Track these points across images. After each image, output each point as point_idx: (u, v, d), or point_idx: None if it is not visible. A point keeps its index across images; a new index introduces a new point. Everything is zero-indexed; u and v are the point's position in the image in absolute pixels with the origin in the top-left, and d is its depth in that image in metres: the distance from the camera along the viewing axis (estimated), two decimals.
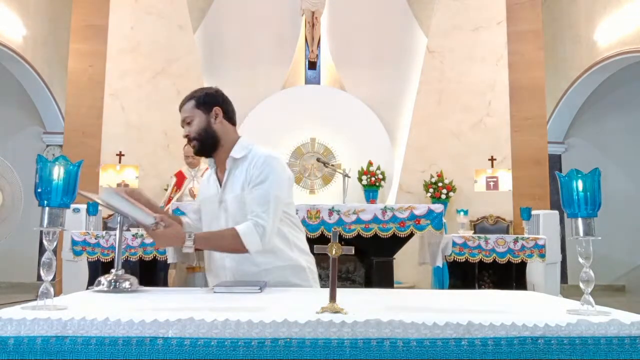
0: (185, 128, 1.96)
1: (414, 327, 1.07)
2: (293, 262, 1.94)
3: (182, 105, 1.97)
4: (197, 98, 1.95)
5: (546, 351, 1.07)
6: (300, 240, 2.02)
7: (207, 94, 1.98)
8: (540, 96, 7.46)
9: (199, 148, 1.94)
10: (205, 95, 1.97)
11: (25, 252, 8.01)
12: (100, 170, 7.13)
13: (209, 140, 1.93)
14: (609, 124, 9.35)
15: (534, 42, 7.51)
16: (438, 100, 7.85)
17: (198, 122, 1.93)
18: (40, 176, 1.25)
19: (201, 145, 1.94)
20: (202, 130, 1.92)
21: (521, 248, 4.61)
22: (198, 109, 1.94)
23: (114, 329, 1.05)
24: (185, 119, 1.94)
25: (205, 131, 1.92)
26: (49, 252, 1.22)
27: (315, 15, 8.12)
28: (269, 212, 1.83)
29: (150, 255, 4.53)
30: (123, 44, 7.46)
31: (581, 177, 1.30)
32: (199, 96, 1.96)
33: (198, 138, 1.93)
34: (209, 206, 2.01)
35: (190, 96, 1.97)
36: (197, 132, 1.92)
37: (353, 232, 3.73)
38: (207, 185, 2.05)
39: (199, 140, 1.93)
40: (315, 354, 1.04)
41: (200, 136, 1.92)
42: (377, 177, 7.48)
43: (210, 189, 2.02)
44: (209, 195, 2.01)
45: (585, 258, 1.27)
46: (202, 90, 1.99)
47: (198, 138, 1.93)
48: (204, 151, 1.96)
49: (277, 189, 1.87)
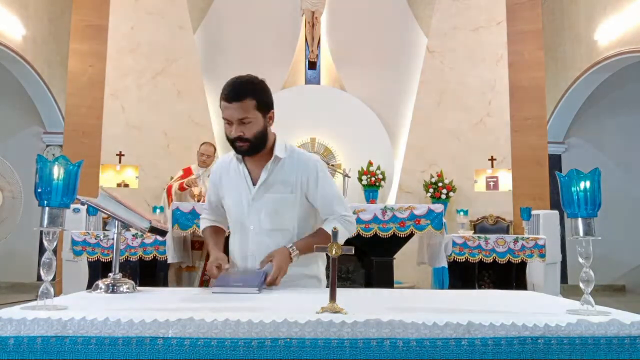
0: (237, 127, 1.80)
1: (414, 327, 1.07)
2: (314, 274, 1.97)
3: (236, 99, 1.78)
4: (259, 99, 1.81)
5: (546, 351, 1.07)
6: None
7: (266, 94, 1.85)
8: (540, 96, 7.46)
9: (249, 150, 1.84)
10: (266, 94, 1.85)
11: (25, 252, 8.01)
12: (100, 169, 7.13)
13: (261, 143, 1.85)
14: (609, 124, 9.35)
15: (534, 42, 7.51)
16: (438, 100, 7.85)
17: (257, 125, 1.81)
18: (40, 176, 1.25)
19: (253, 147, 1.83)
20: (259, 133, 1.82)
21: (521, 248, 4.60)
22: (259, 111, 1.81)
23: (114, 329, 1.05)
24: (244, 119, 1.78)
25: (262, 135, 1.84)
26: (49, 252, 1.22)
27: (315, 15, 8.12)
28: (348, 209, 1.97)
29: (150, 255, 4.52)
30: (123, 44, 7.46)
31: (581, 177, 1.30)
32: (260, 97, 1.82)
33: (253, 141, 1.82)
34: (236, 204, 1.94)
35: (248, 92, 1.79)
36: (254, 135, 1.81)
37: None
38: (229, 181, 1.96)
39: (252, 143, 1.82)
40: (315, 354, 1.04)
41: (256, 140, 1.82)
42: (377, 177, 7.47)
43: (238, 185, 1.93)
44: (237, 192, 1.93)
45: (585, 258, 1.27)
46: (257, 88, 1.83)
47: (253, 141, 1.82)
48: (252, 153, 1.86)
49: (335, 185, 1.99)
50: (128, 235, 4.48)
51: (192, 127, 7.48)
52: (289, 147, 1.94)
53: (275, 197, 1.87)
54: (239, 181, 1.93)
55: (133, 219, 1.68)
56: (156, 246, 4.51)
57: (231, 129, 1.81)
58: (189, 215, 3.80)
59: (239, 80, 1.82)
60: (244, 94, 1.78)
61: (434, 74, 7.89)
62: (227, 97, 1.78)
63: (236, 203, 1.94)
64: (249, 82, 1.82)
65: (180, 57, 7.72)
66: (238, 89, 1.79)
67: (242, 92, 1.78)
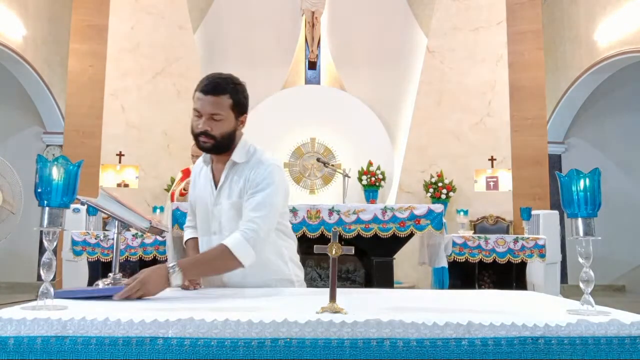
0: (206, 121, 1.73)
1: (414, 327, 1.07)
2: (284, 277, 1.87)
3: (213, 93, 1.72)
4: (236, 99, 1.76)
5: (546, 351, 1.07)
6: (292, 251, 1.95)
7: (244, 97, 1.80)
8: (540, 96, 7.46)
9: (212, 148, 1.77)
10: (243, 97, 1.79)
11: (25, 252, 8.01)
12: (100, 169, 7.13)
13: (226, 144, 1.78)
14: (609, 124, 9.35)
15: (534, 42, 7.51)
16: (438, 100, 7.86)
17: (227, 125, 1.75)
18: (40, 176, 1.25)
19: (216, 146, 1.76)
20: (226, 134, 1.76)
21: (521, 248, 4.61)
22: (232, 112, 1.75)
23: (114, 329, 1.05)
24: (215, 115, 1.73)
25: (229, 135, 1.77)
26: (49, 252, 1.22)
27: (315, 15, 8.12)
28: (263, 218, 1.70)
29: (150, 255, 4.53)
30: (123, 44, 7.46)
31: (581, 177, 1.30)
32: (238, 98, 1.76)
33: (219, 139, 1.75)
34: (202, 207, 1.90)
35: (227, 89, 1.74)
36: (221, 134, 1.75)
37: (353, 232, 3.73)
38: (200, 182, 1.92)
39: (217, 141, 1.75)
40: (315, 354, 1.04)
41: (222, 139, 1.76)
42: (377, 177, 7.48)
43: (204, 187, 1.89)
44: (203, 195, 1.89)
45: (585, 258, 1.27)
46: (236, 89, 1.77)
47: (219, 139, 1.75)
48: (214, 151, 1.80)
49: (275, 196, 1.76)
50: (128, 235, 4.48)
51: None
52: (252, 151, 1.83)
53: (231, 202, 1.79)
54: (205, 184, 1.89)
55: (133, 219, 1.68)
56: (156, 246, 4.51)
57: (199, 121, 1.74)
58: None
59: (220, 75, 1.77)
60: (222, 90, 1.73)
61: (434, 74, 7.90)
62: (204, 88, 1.73)
63: (201, 207, 1.90)
64: (229, 79, 1.77)
65: (180, 57, 7.72)
66: (217, 83, 1.73)
67: (221, 88, 1.73)
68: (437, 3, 7.95)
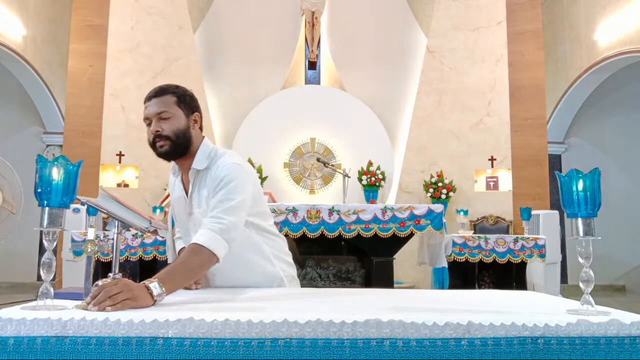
0: (155, 123, 1.73)
1: (414, 327, 1.07)
2: (270, 274, 1.85)
3: (155, 96, 1.74)
4: (180, 96, 1.77)
5: (546, 351, 1.07)
6: (278, 248, 1.92)
7: (189, 95, 1.80)
8: (540, 96, 7.46)
9: (169, 150, 1.74)
10: (188, 96, 1.79)
11: (25, 252, 8.01)
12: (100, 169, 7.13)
13: (182, 144, 1.75)
14: (609, 124, 9.35)
15: (534, 42, 7.51)
16: (438, 100, 7.86)
17: (177, 121, 1.74)
18: (40, 176, 1.25)
19: (173, 147, 1.74)
20: (179, 131, 1.74)
21: (521, 248, 4.61)
22: (179, 108, 1.75)
23: (114, 329, 1.05)
24: (162, 113, 1.72)
25: (183, 134, 1.74)
26: (49, 252, 1.22)
27: (315, 15, 8.12)
28: (225, 211, 1.64)
29: (150, 255, 4.53)
30: (123, 44, 7.46)
31: (581, 177, 1.30)
32: (181, 94, 1.77)
33: (173, 139, 1.73)
34: (179, 218, 1.90)
35: (169, 90, 1.76)
36: (174, 132, 1.73)
37: (353, 232, 3.73)
38: (174, 195, 1.92)
39: (173, 142, 1.73)
40: (315, 354, 1.04)
41: (176, 137, 1.73)
42: (377, 177, 7.48)
43: (178, 199, 1.89)
44: (178, 205, 1.89)
45: (585, 258, 1.27)
46: (179, 88, 1.79)
47: (173, 139, 1.73)
48: (173, 154, 1.77)
49: (236, 193, 1.68)
50: (128, 235, 4.48)
51: None
52: (213, 154, 1.79)
53: (201, 210, 1.76)
54: (179, 196, 1.88)
55: (133, 219, 1.68)
56: (156, 246, 4.51)
57: (150, 127, 1.74)
58: None
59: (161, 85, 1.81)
60: (164, 91, 1.76)
61: (434, 74, 7.90)
62: (147, 96, 1.75)
63: (179, 218, 1.91)
64: (171, 85, 1.80)
65: (180, 57, 7.72)
66: (159, 88, 1.77)
67: (162, 90, 1.76)
68: (437, 3, 7.94)
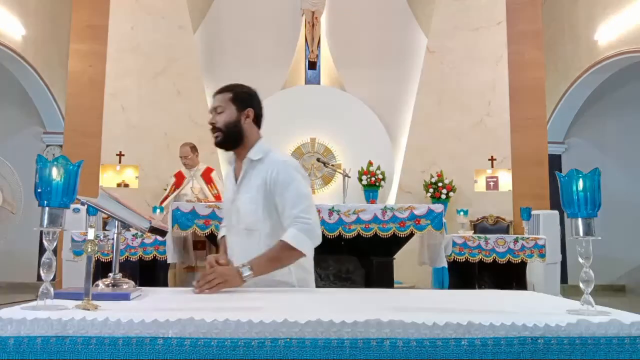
0: (212, 116, 1.99)
1: (414, 327, 1.07)
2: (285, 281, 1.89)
3: (217, 93, 2.01)
4: (235, 93, 2.00)
5: (546, 351, 1.07)
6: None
7: (246, 92, 2.03)
8: (540, 96, 7.45)
9: (222, 140, 1.98)
10: (244, 93, 2.02)
11: (25, 252, 8.00)
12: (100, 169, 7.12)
13: (233, 135, 1.97)
14: (609, 124, 9.34)
15: (534, 42, 7.50)
16: (438, 100, 7.86)
17: (228, 115, 1.96)
18: (40, 176, 1.25)
19: (224, 137, 1.97)
20: (230, 124, 1.96)
21: (521, 248, 4.61)
22: (233, 103, 1.98)
23: (114, 329, 1.05)
24: (217, 108, 1.98)
25: (234, 126, 1.96)
26: (49, 252, 1.22)
27: (315, 15, 8.12)
28: (307, 210, 1.87)
29: (150, 255, 4.53)
30: (123, 44, 7.45)
31: (581, 177, 1.30)
32: (237, 91, 2.01)
33: (224, 130, 1.96)
34: (227, 202, 2.08)
35: (229, 88, 2.01)
36: (225, 124, 1.96)
37: (353, 232, 3.73)
38: (227, 183, 2.12)
39: (224, 133, 1.96)
40: (315, 354, 1.04)
41: (226, 129, 1.96)
42: (377, 177, 7.47)
43: (229, 186, 2.08)
44: (228, 193, 2.08)
45: (585, 258, 1.27)
46: (241, 87, 2.04)
47: (224, 130, 1.96)
48: (226, 144, 1.99)
49: (303, 187, 1.92)
50: (128, 235, 4.48)
51: (192, 127, 7.47)
52: (266, 149, 1.99)
53: (246, 197, 1.95)
54: (229, 181, 2.08)
55: (133, 219, 1.68)
56: (156, 246, 4.51)
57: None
58: (188, 215, 3.80)
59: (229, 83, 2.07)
60: (225, 89, 2.02)
61: (434, 74, 7.89)
62: (214, 92, 2.03)
63: (225, 202, 2.11)
64: (235, 84, 2.05)
65: (180, 57, 7.71)
66: (224, 86, 2.03)
67: (225, 88, 2.02)
68: (437, 3, 7.94)
